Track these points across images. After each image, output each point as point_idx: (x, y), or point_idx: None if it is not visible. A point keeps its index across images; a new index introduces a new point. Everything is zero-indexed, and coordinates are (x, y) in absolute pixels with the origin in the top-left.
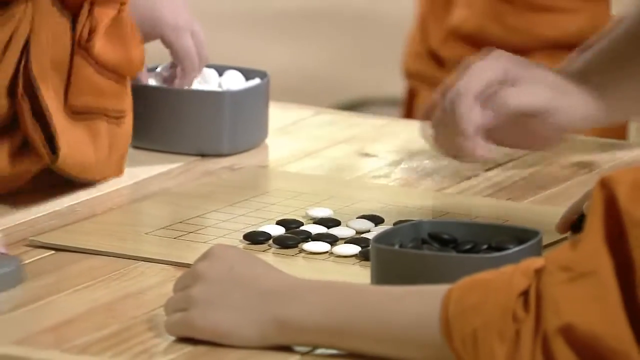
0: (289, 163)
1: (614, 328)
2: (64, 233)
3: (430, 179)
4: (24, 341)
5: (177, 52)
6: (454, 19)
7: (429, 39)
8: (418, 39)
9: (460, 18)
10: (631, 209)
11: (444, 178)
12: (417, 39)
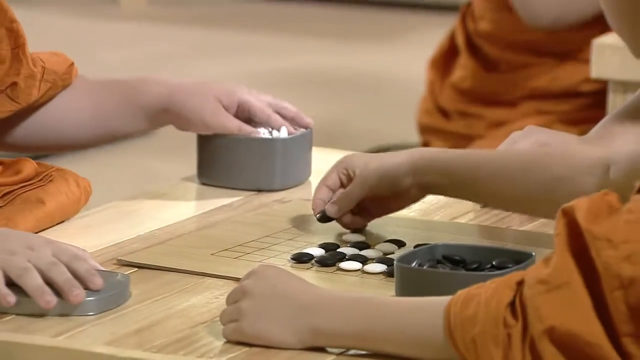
0: None
1: (588, 326)
2: (146, 254)
3: (443, 210)
4: (112, 342)
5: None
6: (454, 79)
7: (436, 98)
8: (428, 98)
9: (459, 78)
10: (590, 228)
11: (455, 210)
12: (427, 99)
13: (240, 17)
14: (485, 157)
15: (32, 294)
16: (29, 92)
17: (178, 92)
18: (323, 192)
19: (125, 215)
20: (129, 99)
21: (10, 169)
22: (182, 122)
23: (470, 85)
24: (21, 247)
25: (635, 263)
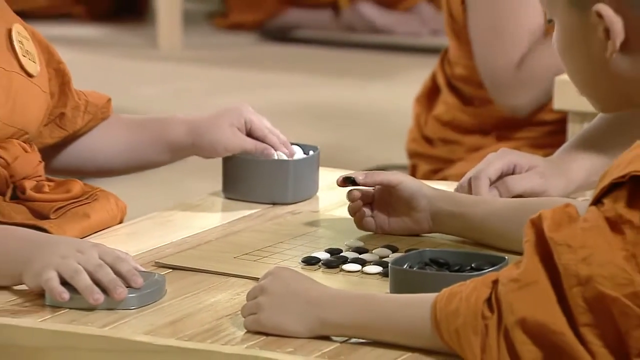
0: (333, 209)
1: (553, 317)
2: (179, 257)
3: None
4: (150, 332)
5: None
6: (436, 112)
7: (422, 128)
8: (415, 128)
9: (441, 112)
10: (552, 236)
11: None
12: (414, 129)
13: (259, 58)
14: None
15: (82, 292)
16: (75, 121)
17: (199, 128)
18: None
19: (162, 224)
20: (158, 135)
21: (61, 187)
22: (205, 152)
23: (451, 117)
24: (72, 251)
25: (590, 264)
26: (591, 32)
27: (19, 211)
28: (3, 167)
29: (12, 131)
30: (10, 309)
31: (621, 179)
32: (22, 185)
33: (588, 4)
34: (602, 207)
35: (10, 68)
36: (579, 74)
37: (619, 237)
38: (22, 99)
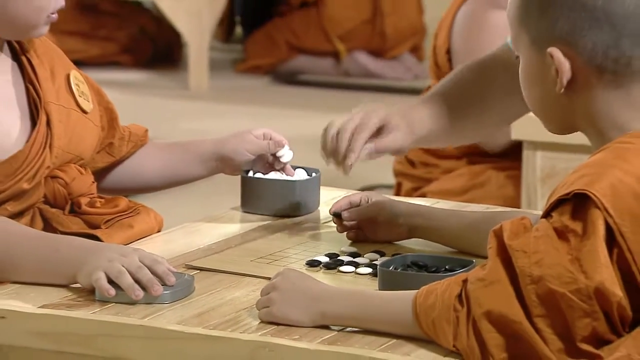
0: (331, 221)
1: (512, 309)
2: (205, 260)
3: None
4: (181, 322)
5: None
6: None
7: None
8: None
9: None
10: (510, 243)
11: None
12: None
13: (272, 97)
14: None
15: (126, 289)
16: (120, 149)
17: (223, 140)
18: (344, 202)
19: (191, 233)
20: (188, 151)
21: (110, 203)
22: (230, 159)
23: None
24: (117, 256)
25: (541, 266)
26: (546, 69)
27: (75, 222)
28: (63, 187)
29: (70, 157)
30: (66, 303)
31: (566, 196)
32: (78, 202)
33: (544, 46)
34: (551, 219)
35: (69, 106)
36: (534, 100)
37: (565, 244)
38: (79, 132)
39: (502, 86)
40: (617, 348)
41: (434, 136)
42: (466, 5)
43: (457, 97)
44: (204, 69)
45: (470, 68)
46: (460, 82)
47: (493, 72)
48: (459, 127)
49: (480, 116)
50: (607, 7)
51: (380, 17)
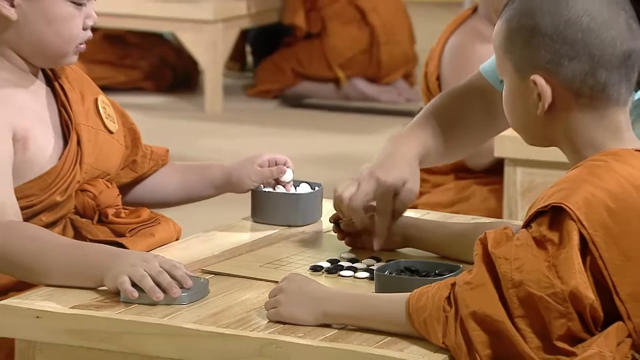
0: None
1: (496, 310)
2: (219, 265)
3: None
4: (197, 321)
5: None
6: None
7: None
8: None
9: None
10: (494, 251)
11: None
12: None
13: (280, 118)
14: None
15: (147, 292)
16: (143, 166)
17: (230, 170)
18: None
19: (206, 241)
20: (201, 176)
21: (134, 214)
22: (236, 186)
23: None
24: (140, 261)
25: (521, 272)
26: (529, 93)
27: (102, 231)
28: (91, 199)
29: (98, 173)
30: (94, 304)
31: (544, 208)
32: (105, 212)
33: (527, 73)
34: (530, 229)
35: (97, 127)
36: (517, 120)
37: (543, 252)
38: (105, 150)
39: (479, 109)
40: (590, 346)
41: (425, 162)
42: (453, 37)
43: (441, 121)
44: (218, 94)
45: (450, 95)
46: (441, 108)
47: (471, 97)
48: (443, 149)
49: (461, 137)
50: (586, 39)
51: (376, 47)
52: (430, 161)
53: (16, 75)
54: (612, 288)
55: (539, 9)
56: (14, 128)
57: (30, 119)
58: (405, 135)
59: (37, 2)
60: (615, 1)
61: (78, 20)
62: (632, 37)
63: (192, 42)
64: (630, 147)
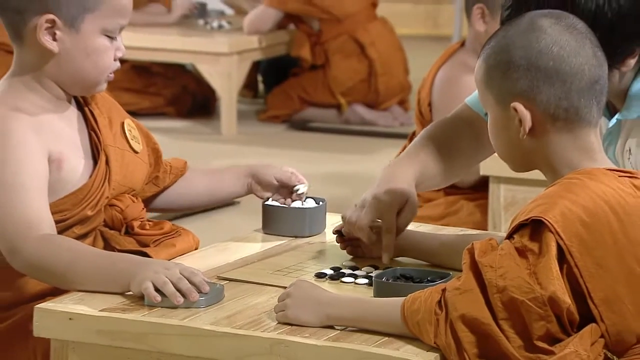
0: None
1: (483, 313)
2: (233, 273)
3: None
4: (214, 323)
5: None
6: None
7: None
8: None
9: None
10: (481, 260)
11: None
12: None
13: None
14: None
15: (169, 296)
16: (165, 180)
17: (256, 166)
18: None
19: (222, 251)
20: (226, 174)
21: (157, 226)
22: (258, 181)
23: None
24: (162, 269)
25: (505, 278)
26: (510, 121)
27: (129, 242)
28: (119, 213)
29: (124, 189)
30: (121, 307)
31: (525, 221)
32: (132, 225)
33: (508, 103)
34: (513, 240)
35: (123, 148)
36: (502, 147)
37: (524, 261)
38: (131, 168)
39: (468, 137)
40: (567, 345)
41: (420, 187)
42: (443, 69)
43: (434, 149)
44: (233, 118)
45: (440, 125)
46: (433, 138)
47: (460, 127)
48: (437, 174)
49: (453, 163)
50: (557, 67)
51: (374, 77)
52: (424, 186)
53: (53, 103)
54: (587, 293)
55: (512, 44)
56: (50, 151)
57: (63, 143)
58: (402, 161)
59: (77, 36)
60: (580, 32)
61: (111, 52)
62: (598, 64)
63: (210, 72)
64: (602, 167)
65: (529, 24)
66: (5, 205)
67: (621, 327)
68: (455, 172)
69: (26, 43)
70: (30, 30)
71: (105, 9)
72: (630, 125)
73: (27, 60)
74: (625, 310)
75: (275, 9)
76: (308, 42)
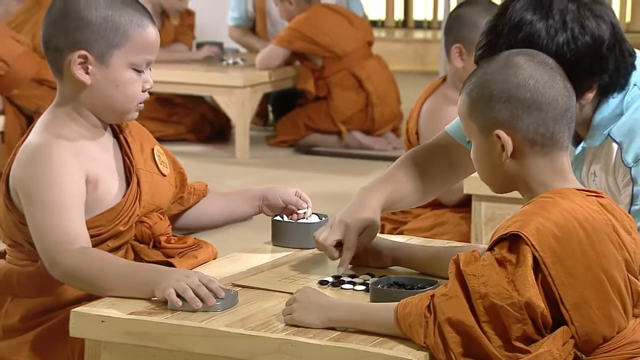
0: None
1: (467, 317)
2: (246, 280)
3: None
4: (229, 325)
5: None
6: None
7: None
8: None
9: None
10: (465, 269)
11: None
12: None
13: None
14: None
15: (189, 301)
16: (189, 201)
17: (266, 189)
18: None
19: (236, 261)
20: (241, 197)
21: (181, 240)
22: (271, 204)
23: None
24: (183, 277)
25: (487, 286)
26: (493, 147)
27: (156, 254)
28: (148, 229)
29: (153, 208)
30: (147, 310)
31: (504, 235)
32: (159, 239)
33: (491, 131)
34: (493, 252)
35: (153, 171)
36: (486, 172)
37: (503, 270)
38: (159, 190)
39: (443, 162)
40: (541, 345)
41: (392, 208)
42: (428, 101)
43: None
44: (246, 143)
45: (418, 151)
46: (410, 163)
47: (437, 152)
48: (410, 195)
49: (427, 185)
50: (534, 97)
51: (371, 107)
52: (398, 206)
53: (90, 131)
54: (559, 299)
55: (492, 79)
56: (87, 173)
57: (99, 166)
58: (375, 187)
59: (106, 69)
60: (551, 67)
61: (138, 84)
62: (569, 95)
63: (226, 103)
64: (572, 187)
65: (506, 61)
66: (48, 222)
67: (589, 329)
68: (428, 192)
69: (64, 77)
70: (67, 65)
71: (131, 46)
72: (594, 152)
73: (66, 92)
74: (593, 314)
75: (283, 48)
76: (312, 77)
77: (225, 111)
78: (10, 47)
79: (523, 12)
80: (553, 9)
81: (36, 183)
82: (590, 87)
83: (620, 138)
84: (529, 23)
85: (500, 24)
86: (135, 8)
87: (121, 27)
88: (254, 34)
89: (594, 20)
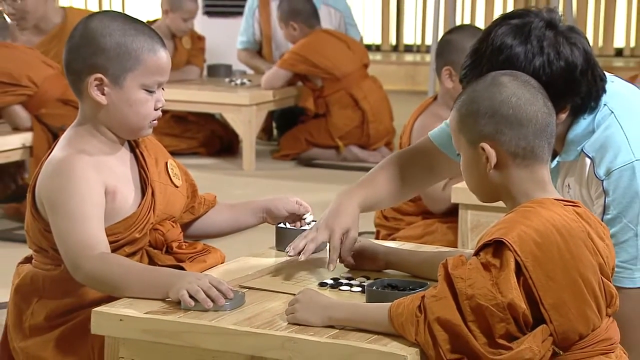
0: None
1: (455, 316)
2: (252, 282)
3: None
4: (236, 323)
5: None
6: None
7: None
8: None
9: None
10: (453, 272)
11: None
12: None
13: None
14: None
15: (200, 302)
16: (199, 210)
17: (269, 201)
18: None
19: (243, 264)
20: (245, 209)
21: (192, 246)
22: (274, 214)
23: (398, 206)
24: (194, 279)
25: (473, 288)
26: (479, 158)
27: (169, 259)
28: (161, 236)
29: (166, 216)
30: (161, 310)
31: (489, 241)
32: (171, 245)
33: (477, 144)
34: (479, 257)
35: (166, 183)
36: (472, 181)
37: (488, 273)
38: (172, 200)
39: (422, 165)
40: (523, 342)
41: (371, 208)
42: (420, 118)
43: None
44: (252, 157)
45: (400, 155)
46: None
47: (416, 156)
48: (389, 196)
49: (404, 186)
50: (516, 113)
51: (366, 124)
52: (377, 207)
53: (109, 146)
54: (539, 300)
55: (480, 97)
56: (106, 184)
57: (117, 178)
58: (350, 191)
59: (121, 91)
60: (533, 87)
61: (150, 103)
62: (549, 112)
63: (234, 120)
64: (551, 197)
65: (492, 81)
66: (70, 230)
67: (566, 327)
68: (405, 193)
69: (84, 97)
70: (85, 87)
71: (143, 69)
72: (568, 166)
73: (86, 112)
74: (570, 314)
75: (286, 70)
76: (312, 96)
77: (233, 127)
78: (40, 70)
79: (504, 37)
80: (531, 35)
81: (60, 194)
82: (564, 108)
83: (593, 153)
84: (509, 47)
85: (483, 47)
86: (148, 34)
87: (133, 52)
88: (260, 56)
89: (568, 47)
